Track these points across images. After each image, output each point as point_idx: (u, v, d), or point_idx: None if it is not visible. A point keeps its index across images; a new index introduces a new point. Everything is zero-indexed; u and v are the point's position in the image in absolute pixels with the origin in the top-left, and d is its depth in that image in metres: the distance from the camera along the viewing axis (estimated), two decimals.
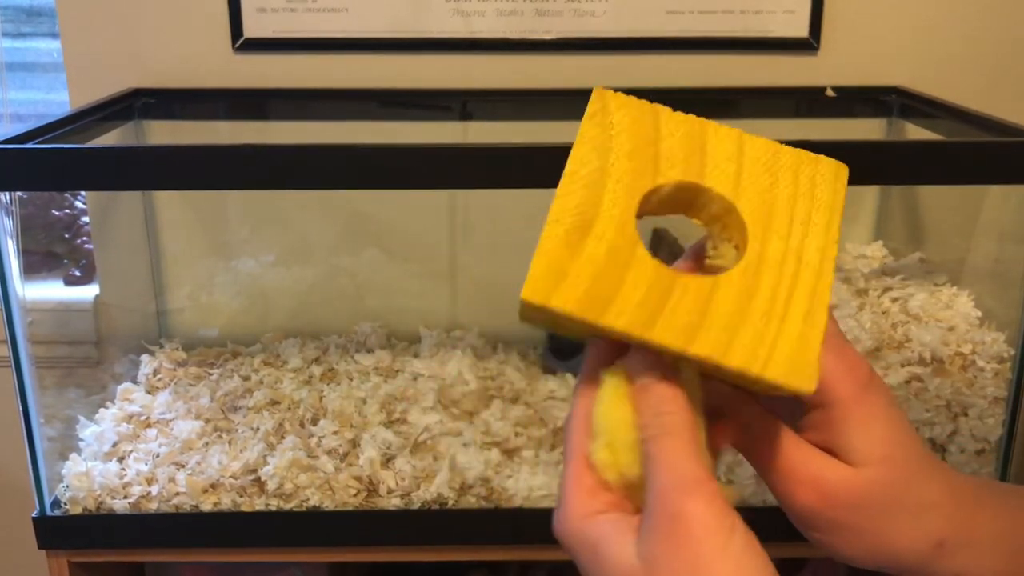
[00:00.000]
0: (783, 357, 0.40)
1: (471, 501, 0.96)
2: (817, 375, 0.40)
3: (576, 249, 0.41)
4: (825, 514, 0.46)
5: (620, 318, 0.40)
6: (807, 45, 1.14)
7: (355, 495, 0.96)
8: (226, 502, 0.96)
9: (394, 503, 0.96)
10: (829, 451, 0.46)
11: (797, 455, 0.46)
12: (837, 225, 0.44)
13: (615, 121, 0.45)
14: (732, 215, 0.45)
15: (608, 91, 0.46)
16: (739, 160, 0.45)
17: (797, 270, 0.42)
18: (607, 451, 0.41)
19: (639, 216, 0.44)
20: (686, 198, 0.46)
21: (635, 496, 0.41)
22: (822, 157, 0.47)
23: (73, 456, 0.99)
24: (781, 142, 0.48)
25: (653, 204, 0.45)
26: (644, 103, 0.46)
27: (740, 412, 0.47)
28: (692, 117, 0.46)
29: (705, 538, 0.38)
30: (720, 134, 0.46)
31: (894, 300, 1.11)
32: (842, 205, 0.45)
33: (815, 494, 0.45)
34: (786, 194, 0.45)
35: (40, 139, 0.89)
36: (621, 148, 0.44)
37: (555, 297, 0.39)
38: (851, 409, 0.45)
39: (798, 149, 0.47)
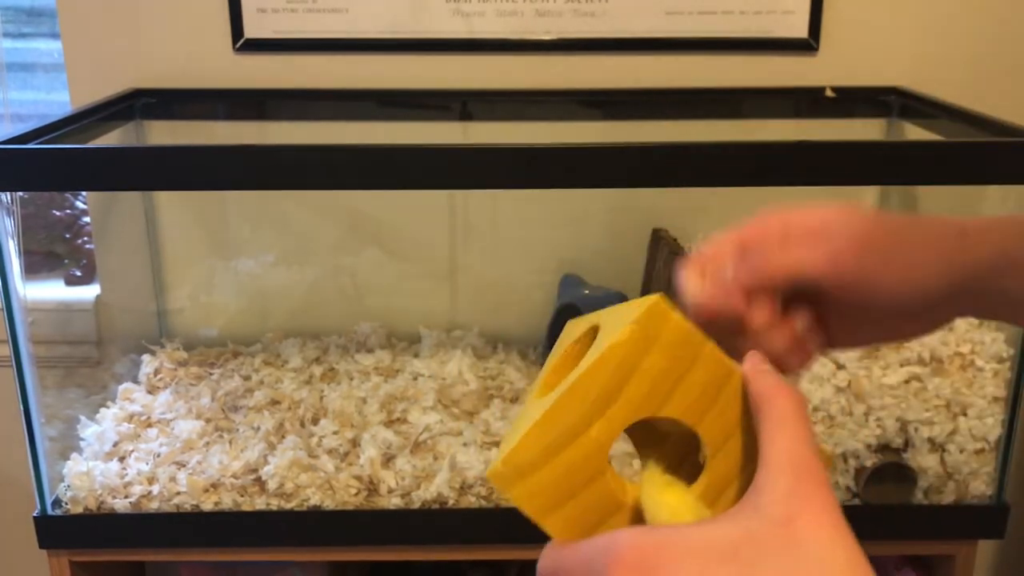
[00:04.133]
0: None
1: (471, 501, 0.96)
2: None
3: (551, 456, 0.42)
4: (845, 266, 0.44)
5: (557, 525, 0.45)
6: (807, 45, 1.14)
7: (355, 495, 0.96)
8: (227, 502, 0.96)
9: (394, 503, 0.96)
10: None
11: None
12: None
13: (653, 349, 0.41)
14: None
15: (665, 307, 0.40)
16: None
17: None
18: None
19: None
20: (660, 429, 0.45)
21: None
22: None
23: (74, 456, 1.00)
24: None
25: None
26: (695, 334, 0.41)
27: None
28: (727, 362, 0.42)
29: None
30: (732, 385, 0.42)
31: None
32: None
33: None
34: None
35: (41, 139, 0.89)
36: (641, 380, 0.41)
37: (518, 487, 0.43)
38: None
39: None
